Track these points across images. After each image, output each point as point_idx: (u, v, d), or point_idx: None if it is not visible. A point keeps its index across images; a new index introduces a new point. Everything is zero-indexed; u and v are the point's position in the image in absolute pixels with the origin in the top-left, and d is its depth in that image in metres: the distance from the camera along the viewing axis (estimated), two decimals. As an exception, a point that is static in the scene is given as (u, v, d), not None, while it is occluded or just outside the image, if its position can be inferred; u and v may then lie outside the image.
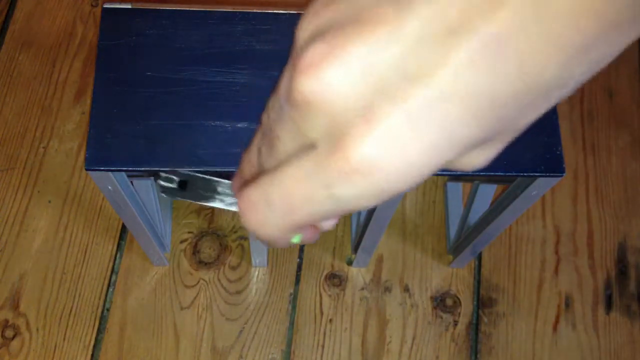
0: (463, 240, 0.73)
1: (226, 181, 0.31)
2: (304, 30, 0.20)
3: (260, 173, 0.23)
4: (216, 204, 0.32)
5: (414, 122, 0.17)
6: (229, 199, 0.31)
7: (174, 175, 0.32)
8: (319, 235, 0.26)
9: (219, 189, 0.31)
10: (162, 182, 0.32)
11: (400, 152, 0.18)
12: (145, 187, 0.69)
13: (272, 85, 0.55)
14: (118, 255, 0.77)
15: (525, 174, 0.49)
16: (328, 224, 0.26)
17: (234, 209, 0.31)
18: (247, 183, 0.27)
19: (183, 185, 0.32)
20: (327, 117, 0.19)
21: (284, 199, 0.21)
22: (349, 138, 0.18)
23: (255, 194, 0.22)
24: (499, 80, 0.17)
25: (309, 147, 0.20)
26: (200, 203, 0.32)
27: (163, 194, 0.34)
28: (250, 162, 0.26)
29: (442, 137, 0.18)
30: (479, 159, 0.20)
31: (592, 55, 0.16)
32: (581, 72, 0.17)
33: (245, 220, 0.23)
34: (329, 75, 0.18)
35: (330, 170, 0.19)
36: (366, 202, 0.19)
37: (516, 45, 0.16)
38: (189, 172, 0.31)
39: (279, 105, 0.21)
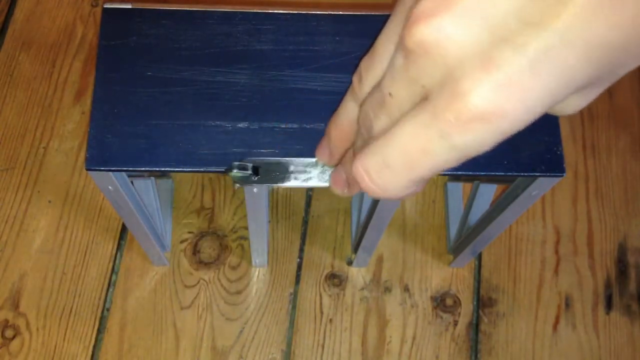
0: (463, 240, 0.73)
1: (297, 159, 0.31)
2: None
3: (368, 139, 0.23)
4: (291, 183, 0.31)
5: (534, 67, 0.17)
6: (303, 176, 0.31)
7: (247, 162, 0.32)
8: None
9: (291, 167, 0.31)
10: (235, 172, 0.32)
11: (520, 96, 0.18)
12: (145, 187, 0.69)
13: (272, 85, 0.55)
14: (118, 255, 0.77)
15: (525, 174, 0.49)
16: None
17: (309, 184, 0.31)
18: (342, 153, 0.27)
19: (256, 171, 0.32)
20: (443, 65, 0.19)
21: (403, 158, 0.21)
22: (466, 85, 0.18)
23: (372, 160, 0.22)
24: (614, 28, 0.17)
25: (423, 99, 0.20)
26: (276, 185, 0.32)
27: (237, 184, 0.34)
28: (343, 130, 0.26)
29: (559, 80, 0.18)
30: (578, 102, 0.20)
31: None
32: None
33: (367, 189, 0.23)
34: (445, 23, 0.18)
35: (448, 120, 0.19)
36: (486, 147, 0.19)
37: None
38: (260, 159, 0.31)
39: (388, 61, 0.21)
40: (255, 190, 0.53)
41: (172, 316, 0.75)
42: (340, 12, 0.54)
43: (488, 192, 0.71)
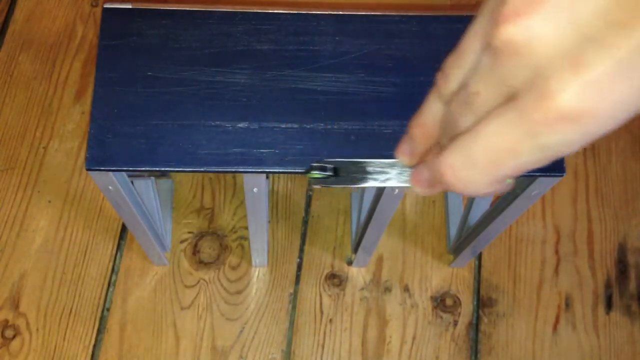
0: (463, 240, 0.73)
1: (376, 160, 0.31)
2: None
3: (454, 136, 0.23)
4: (369, 184, 0.31)
5: (624, 68, 0.17)
6: (382, 177, 0.31)
7: (326, 164, 0.32)
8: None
9: (369, 169, 0.31)
10: (314, 174, 0.32)
11: (609, 96, 0.18)
12: (146, 187, 0.69)
13: (272, 85, 0.55)
14: (118, 255, 0.77)
15: (525, 174, 0.49)
16: None
17: (388, 184, 0.31)
18: (425, 151, 0.27)
19: (335, 172, 0.32)
20: (531, 65, 0.19)
21: (488, 155, 0.21)
22: (555, 85, 0.18)
23: (456, 157, 0.22)
24: None
25: (510, 98, 0.20)
26: (355, 186, 0.32)
27: (315, 186, 0.34)
28: (426, 128, 0.26)
29: None
30: None
31: None
32: None
33: (452, 185, 0.23)
34: (534, 22, 0.18)
35: (535, 120, 0.19)
36: (572, 148, 0.19)
37: None
38: (338, 159, 0.31)
39: (474, 60, 0.21)
40: (255, 190, 0.53)
41: (172, 316, 0.75)
42: (340, 12, 0.54)
43: (488, 192, 0.71)
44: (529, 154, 0.20)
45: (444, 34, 0.53)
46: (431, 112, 0.26)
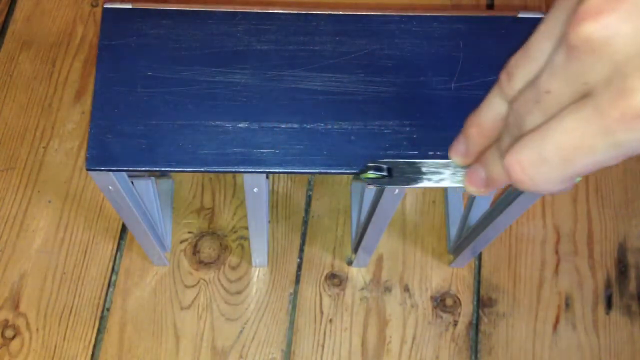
0: (463, 240, 0.73)
1: (430, 161, 0.31)
2: None
3: (519, 136, 0.23)
4: (423, 184, 0.31)
5: None
6: (436, 177, 0.31)
7: (381, 164, 0.32)
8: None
9: (424, 169, 0.31)
10: (370, 173, 0.32)
11: None
12: (146, 187, 0.69)
13: (272, 85, 0.55)
14: (118, 255, 0.77)
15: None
16: None
17: (442, 185, 0.31)
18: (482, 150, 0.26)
19: (390, 172, 0.32)
20: (610, 62, 0.19)
21: (561, 152, 0.21)
22: (633, 84, 0.18)
23: (527, 153, 0.22)
24: None
25: (584, 96, 0.20)
26: (409, 186, 0.32)
27: (370, 186, 0.34)
28: (484, 128, 0.26)
29: None
30: None
31: None
32: None
33: (519, 182, 0.23)
34: (614, 22, 0.18)
35: (612, 117, 0.19)
36: None
37: None
38: (392, 160, 0.31)
39: (544, 58, 0.22)
40: (255, 190, 0.53)
41: (172, 316, 0.75)
42: (340, 12, 0.54)
43: (488, 192, 0.71)
44: (603, 152, 0.20)
45: (444, 34, 0.53)
46: (491, 111, 0.26)
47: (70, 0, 0.91)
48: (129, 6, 0.52)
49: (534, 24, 0.23)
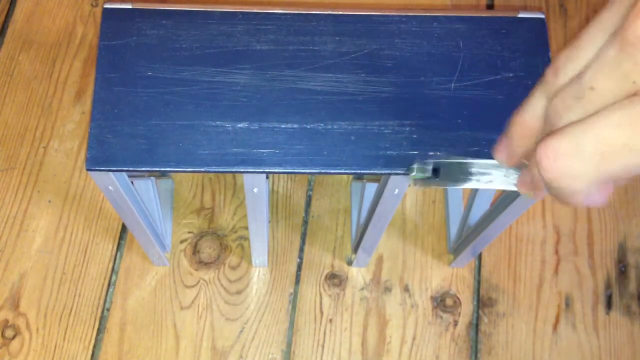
0: (463, 240, 0.73)
1: (479, 161, 0.30)
2: None
3: (559, 128, 0.22)
4: (472, 185, 0.30)
5: None
6: (485, 178, 0.29)
7: (427, 164, 0.31)
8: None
9: (473, 169, 0.30)
10: (416, 173, 0.31)
11: None
12: (146, 187, 0.69)
13: (272, 85, 0.55)
14: (118, 255, 0.77)
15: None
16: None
17: (492, 186, 0.30)
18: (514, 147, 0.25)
19: (436, 172, 0.31)
20: None
21: (599, 147, 0.20)
22: None
23: (564, 141, 0.21)
24: None
25: (632, 95, 0.19)
26: (456, 186, 0.31)
27: (415, 186, 0.33)
28: (526, 126, 0.25)
29: None
30: None
31: None
32: None
33: (548, 172, 0.22)
34: None
35: None
36: None
37: None
38: (440, 160, 0.30)
39: (593, 54, 0.21)
40: (255, 190, 0.53)
41: (172, 316, 0.75)
42: (341, 12, 0.54)
43: (488, 192, 0.71)
44: None
45: (444, 34, 0.53)
46: (534, 108, 0.25)
47: (70, 0, 0.91)
48: (129, 6, 0.52)
49: (534, 24, 0.22)
